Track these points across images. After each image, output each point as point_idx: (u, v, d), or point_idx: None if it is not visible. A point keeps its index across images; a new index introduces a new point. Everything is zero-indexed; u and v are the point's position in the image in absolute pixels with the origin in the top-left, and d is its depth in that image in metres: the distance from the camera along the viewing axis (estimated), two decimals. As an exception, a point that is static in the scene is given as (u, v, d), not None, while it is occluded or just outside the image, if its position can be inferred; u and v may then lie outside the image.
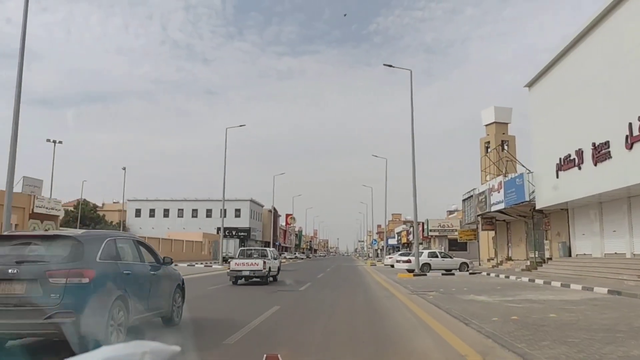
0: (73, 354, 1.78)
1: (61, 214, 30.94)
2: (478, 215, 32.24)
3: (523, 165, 28.40)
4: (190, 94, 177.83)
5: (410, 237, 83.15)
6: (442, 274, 26.28)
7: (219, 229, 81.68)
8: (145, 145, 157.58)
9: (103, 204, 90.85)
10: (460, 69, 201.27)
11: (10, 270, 5.56)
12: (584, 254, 21.98)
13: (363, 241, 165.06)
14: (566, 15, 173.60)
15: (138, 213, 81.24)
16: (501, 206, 27.42)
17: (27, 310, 5.45)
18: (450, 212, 77.90)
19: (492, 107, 41.78)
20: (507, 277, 22.52)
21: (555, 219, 25.05)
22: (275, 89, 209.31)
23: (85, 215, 76.33)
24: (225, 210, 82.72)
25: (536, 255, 26.11)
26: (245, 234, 79.49)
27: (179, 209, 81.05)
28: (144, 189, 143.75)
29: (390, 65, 26.80)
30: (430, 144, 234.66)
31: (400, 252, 42.13)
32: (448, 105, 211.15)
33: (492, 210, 29.19)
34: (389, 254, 57.70)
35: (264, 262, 19.13)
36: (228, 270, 19.56)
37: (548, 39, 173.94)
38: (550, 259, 25.04)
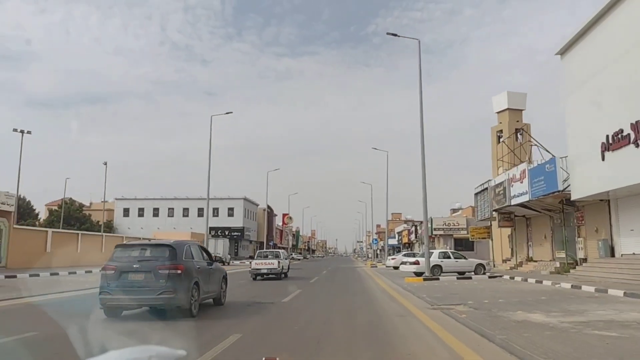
0: (77, 356, 2.46)
1: (12, 209, 26.92)
2: (494, 210, 28.36)
3: (548, 151, 24.58)
4: (189, 95, 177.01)
5: (412, 236, 79.26)
6: (457, 278, 22.38)
7: (211, 228, 77.91)
8: (144, 146, 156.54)
9: (91, 204, 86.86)
10: (459, 69, 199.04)
11: (134, 266, 9.34)
12: (633, 254, 18.08)
13: (362, 242, 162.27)
14: (564, 15, 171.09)
15: (126, 212, 77.25)
16: (525, 198, 23.53)
17: (146, 289, 9.08)
18: (454, 210, 74.04)
19: (504, 93, 37.90)
20: (540, 282, 18.60)
21: (591, 212, 21.15)
22: (274, 89, 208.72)
23: (70, 215, 72.44)
24: (217, 209, 79.04)
25: (567, 256, 22.21)
26: (239, 233, 75.56)
27: (169, 208, 77.09)
28: (141, 190, 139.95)
29: (394, 34, 23.47)
30: (429, 145, 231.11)
31: (404, 253, 38.19)
32: (447, 106, 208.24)
33: (512, 203, 25.31)
34: (391, 254, 53.72)
35: (279, 262, 23.70)
36: (250, 269, 24.03)
37: (547, 40, 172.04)
38: (585, 260, 21.14)
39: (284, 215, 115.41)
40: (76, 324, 7.12)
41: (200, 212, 76.91)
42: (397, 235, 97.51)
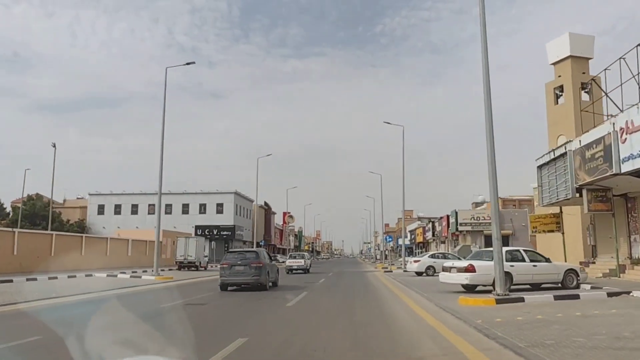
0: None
1: None
2: (582, 186, 18.41)
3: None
4: (195, 97, 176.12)
5: (428, 235, 69.42)
6: (555, 298, 12.50)
7: (197, 227, 68.41)
8: (147, 149, 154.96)
9: (64, 201, 77.75)
10: (466, 69, 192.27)
11: (238, 262, 17.43)
12: None
13: (369, 242, 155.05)
14: (572, 14, 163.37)
15: (101, 210, 67.85)
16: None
17: (244, 274, 17.24)
18: (477, 205, 63.95)
19: (565, 35, 28.09)
20: None
21: None
22: (280, 91, 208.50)
23: (35, 213, 63.25)
24: (204, 206, 69.42)
25: None
26: (229, 233, 65.89)
27: (149, 205, 67.49)
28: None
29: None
30: (438, 144, 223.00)
31: (430, 253, 28.34)
32: (456, 105, 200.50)
33: (622, 171, 15.47)
34: (410, 254, 43.81)
35: (304, 260, 33.80)
36: (285, 266, 33.38)
37: (554, 38, 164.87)
38: None
39: (285, 213, 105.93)
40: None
41: (185, 208, 67.48)
42: (409, 235, 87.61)
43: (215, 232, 65.67)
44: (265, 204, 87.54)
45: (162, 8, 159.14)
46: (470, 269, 14.45)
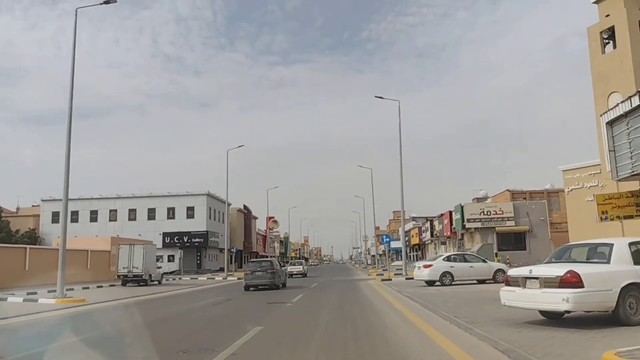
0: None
1: None
2: None
3: None
4: (182, 107, 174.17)
5: (426, 235, 62.36)
6: None
7: (165, 234, 60.72)
8: (137, 160, 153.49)
9: (18, 209, 69.51)
10: (452, 72, 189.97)
11: (258, 269, 22.44)
12: None
13: (358, 247, 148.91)
14: (555, 15, 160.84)
15: (56, 217, 59.59)
16: None
17: (263, 278, 22.01)
18: (479, 200, 57.16)
19: (613, -38, 21.31)
20: None
21: None
22: (268, 98, 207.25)
23: (-23, 222, 55.21)
24: (172, 210, 61.61)
25: None
26: (202, 239, 58.23)
27: (110, 211, 59.74)
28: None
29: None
30: (424, 149, 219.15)
31: (445, 255, 21.14)
32: (441, 110, 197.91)
33: None
34: (413, 259, 36.84)
35: (303, 267, 41.00)
36: (287, 271, 33.96)
37: (538, 41, 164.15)
38: None
39: (268, 218, 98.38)
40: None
41: (151, 214, 59.71)
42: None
43: (185, 240, 58.07)
44: (245, 207, 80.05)
45: (147, 18, 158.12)
46: (572, 281, 7.28)
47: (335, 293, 19.76)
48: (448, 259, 20.06)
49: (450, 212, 43.83)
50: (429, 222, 55.80)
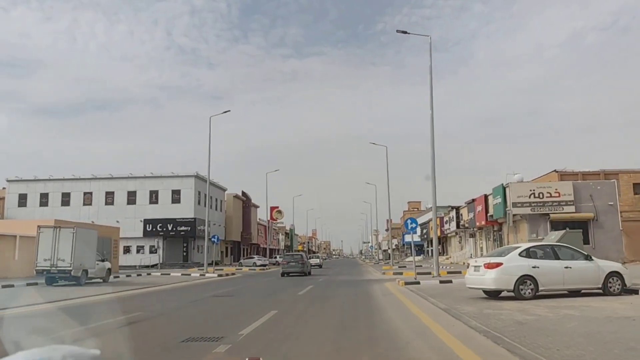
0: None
1: None
2: None
3: None
4: (195, 99, 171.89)
5: (448, 226, 53.82)
6: None
7: (147, 221, 52.85)
8: (148, 151, 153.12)
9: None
10: (468, 66, 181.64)
11: (291, 261, 29.96)
12: None
13: (368, 242, 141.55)
14: (573, 10, 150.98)
15: (23, 200, 52.12)
16: None
17: (300, 267, 29.31)
18: (513, 186, 48.40)
19: None
20: None
21: None
22: (280, 91, 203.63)
23: None
24: (155, 193, 53.20)
25: None
26: (188, 228, 50.21)
27: (85, 193, 51.98)
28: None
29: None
30: (441, 142, 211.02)
31: (523, 248, 12.37)
32: (456, 104, 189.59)
33: None
34: (421, 253, 29.04)
35: (320, 259, 48.69)
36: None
37: (555, 35, 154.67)
38: None
39: (272, 208, 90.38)
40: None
41: (132, 197, 51.86)
42: (418, 229, 72.12)
43: (170, 228, 50.17)
44: (243, 194, 71.95)
45: (162, 10, 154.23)
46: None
47: (332, 312, 11.56)
48: (527, 253, 11.68)
49: (486, 197, 35.29)
50: (454, 210, 47.21)
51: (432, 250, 68.21)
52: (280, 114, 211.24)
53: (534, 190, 29.20)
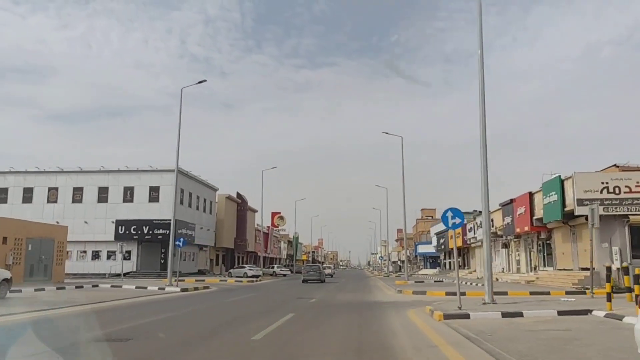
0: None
1: None
2: None
3: None
4: (206, 107, 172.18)
5: (473, 235, 46.00)
6: None
7: (119, 222, 45.40)
8: (158, 160, 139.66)
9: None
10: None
11: (311, 269, 39.39)
12: None
13: (377, 253, 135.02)
14: (587, 23, 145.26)
15: (-20, 196, 45.10)
16: None
17: (315, 275, 37.55)
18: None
19: None
20: None
21: None
22: (292, 101, 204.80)
23: None
24: (131, 190, 45.01)
25: None
26: (167, 231, 42.89)
27: (49, 189, 44.82)
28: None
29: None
30: (452, 153, 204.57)
31: None
32: (467, 116, 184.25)
33: None
34: (437, 266, 21.13)
35: (331, 270, 61.36)
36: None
37: (569, 48, 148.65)
38: None
39: (274, 214, 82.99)
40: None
41: (103, 194, 44.55)
42: (434, 239, 64.27)
43: (146, 230, 42.85)
44: (239, 195, 64.46)
45: (176, 18, 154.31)
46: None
47: None
48: None
49: (531, 195, 27.60)
50: (480, 214, 39.28)
51: (449, 262, 60.18)
52: (292, 122, 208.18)
53: (607, 182, 21.43)
